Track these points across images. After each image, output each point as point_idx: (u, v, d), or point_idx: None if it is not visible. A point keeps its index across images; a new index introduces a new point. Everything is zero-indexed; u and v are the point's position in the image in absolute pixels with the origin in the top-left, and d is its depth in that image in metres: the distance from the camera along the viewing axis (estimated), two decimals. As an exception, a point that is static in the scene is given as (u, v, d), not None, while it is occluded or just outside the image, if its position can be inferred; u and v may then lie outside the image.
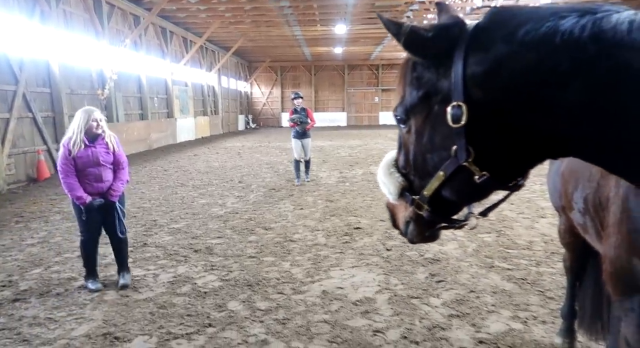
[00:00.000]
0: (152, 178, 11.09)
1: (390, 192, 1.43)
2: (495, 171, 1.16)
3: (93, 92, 14.68)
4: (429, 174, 1.27)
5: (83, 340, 3.32)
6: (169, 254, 5.27)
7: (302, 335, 3.33)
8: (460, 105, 1.11)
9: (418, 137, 1.28)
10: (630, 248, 1.38)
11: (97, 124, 4.14)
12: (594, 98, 0.99)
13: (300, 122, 9.45)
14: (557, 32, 1.00)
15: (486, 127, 1.12)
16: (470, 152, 1.14)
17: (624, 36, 0.95)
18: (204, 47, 25.71)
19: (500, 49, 1.06)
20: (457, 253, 5.06)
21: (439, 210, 1.34)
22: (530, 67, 1.02)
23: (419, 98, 1.23)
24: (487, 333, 3.31)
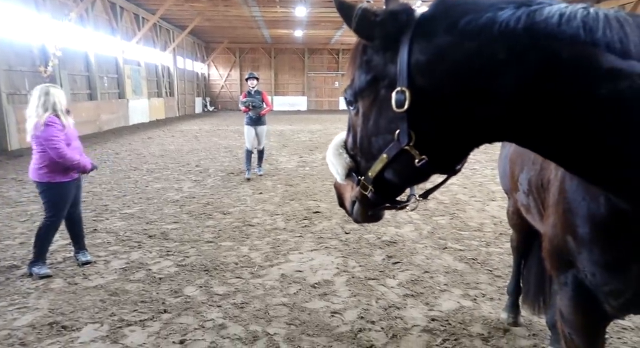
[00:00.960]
0: (103, 161, 10.57)
1: (338, 172, 1.47)
2: (434, 155, 1.21)
3: (34, 69, 13.69)
4: (373, 156, 1.31)
5: (26, 331, 3.14)
6: (121, 240, 5.07)
7: (260, 319, 3.33)
8: (404, 90, 1.15)
9: (365, 119, 1.31)
10: (565, 227, 1.46)
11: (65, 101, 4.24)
12: (527, 86, 1.04)
13: (253, 106, 8.40)
14: (495, 22, 1.05)
15: (427, 113, 1.16)
16: (412, 137, 1.18)
17: (554, 28, 1.01)
18: (157, 25, 24.54)
19: (442, 38, 1.10)
20: (412, 236, 5.21)
21: (382, 191, 1.38)
22: (470, 56, 1.07)
23: (367, 81, 1.26)
24: (440, 311, 3.45)
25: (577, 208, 1.40)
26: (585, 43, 1.00)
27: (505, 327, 3.18)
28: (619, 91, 0.99)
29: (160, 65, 25.64)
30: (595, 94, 1.01)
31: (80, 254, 4.38)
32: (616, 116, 1.01)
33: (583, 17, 1.03)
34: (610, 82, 1.00)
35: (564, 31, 1.01)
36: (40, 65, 13.85)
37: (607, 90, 1.00)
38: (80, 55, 16.79)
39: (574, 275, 1.49)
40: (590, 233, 1.35)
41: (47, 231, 4.13)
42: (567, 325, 1.64)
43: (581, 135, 1.05)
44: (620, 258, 1.32)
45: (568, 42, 1.01)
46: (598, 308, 1.48)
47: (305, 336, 3.09)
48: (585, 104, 1.02)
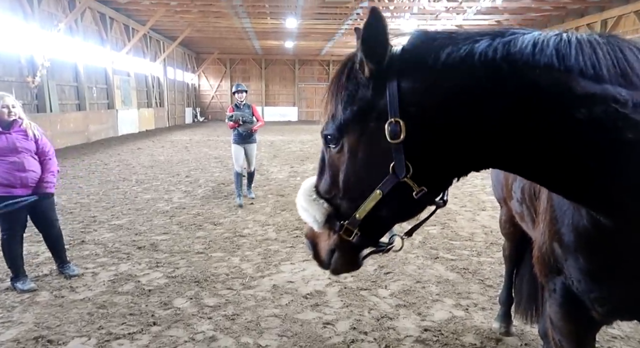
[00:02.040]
0: (91, 172, 10.45)
1: (315, 219, 1.35)
2: (431, 185, 1.20)
3: (22, 79, 13.57)
4: (362, 194, 1.24)
5: (10, 345, 3.06)
6: (109, 252, 4.99)
7: (251, 330, 3.28)
8: (397, 121, 1.14)
9: (351, 155, 1.25)
10: (552, 235, 1.49)
11: (8, 111, 3.87)
12: (509, 113, 1.09)
13: (243, 121, 7.16)
14: (475, 53, 1.10)
15: (421, 143, 1.16)
16: (409, 168, 1.17)
17: (529, 58, 1.06)
18: (147, 35, 24.53)
19: (427, 70, 1.14)
20: (404, 246, 5.20)
21: (370, 232, 1.32)
22: (454, 87, 1.11)
23: (354, 114, 1.22)
24: (432, 321, 3.44)
25: (563, 217, 1.43)
26: (560, 70, 1.05)
27: (498, 337, 3.18)
28: (594, 115, 1.03)
29: (150, 76, 25.58)
30: (572, 119, 1.05)
31: (65, 268, 4.27)
32: (594, 140, 1.05)
33: (556, 44, 1.07)
34: (585, 108, 1.03)
35: (539, 60, 1.06)
36: (28, 75, 13.73)
37: (583, 115, 1.04)
38: (69, 65, 16.69)
39: (562, 282, 1.51)
40: (575, 242, 1.38)
41: (7, 245, 3.97)
42: (556, 332, 1.65)
43: (561, 159, 1.10)
44: (604, 267, 1.34)
45: (543, 70, 1.05)
46: (586, 315, 1.49)
47: (298, 348, 3.05)
48: (564, 129, 1.06)
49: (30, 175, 3.94)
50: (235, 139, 7.39)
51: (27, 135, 3.97)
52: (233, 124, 7.20)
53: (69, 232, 5.66)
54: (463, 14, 20.01)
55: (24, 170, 3.90)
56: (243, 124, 7.20)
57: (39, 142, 4.05)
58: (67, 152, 14.04)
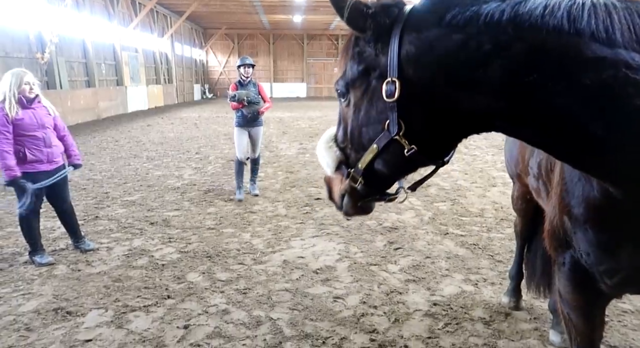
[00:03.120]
0: (102, 149, 10.54)
1: (328, 165, 1.48)
2: (422, 145, 1.23)
3: (31, 55, 13.55)
4: (363, 147, 1.33)
5: (31, 316, 3.17)
6: (123, 227, 5.08)
7: (263, 304, 3.35)
8: (394, 81, 1.17)
9: (356, 110, 1.33)
10: (562, 207, 1.50)
11: (29, 88, 3.89)
12: (512, 77, 1.07)
13: (248, 101, 6.03)
14: (480, 15, 1.08)
15: (416, 103, 1.18)
16: (401, 126, 1.20)
17: (538, 20, 1.03)
18: (154, 10, 24.23)
19: (431, 31, 1.13)
20: (414, 222, 5.22)
21: (371, 182, 1.39)
22: (456, 48, 1.10)
23: (359, 72, 1.28)
24: (441, 295, 3.48)
25: (573, 190, 1.43)
26: (569, 33, 1.01)
27: (507, 311, 3.21)
28: (602, 80, 1.00)
29: (158, 52, 25.39)
30: (579, 83, 1.02)
31: (80, 243, 4.36)
32: (601, 105, 1.01)
33: (567, 7, 1.04)
34: (594, 72, 1.00)
35: (547, 22, 1.02)
36: (37, 51, 13.71)
37: (591, 80, 1.00)
38: (77, 41, 16.61)
39: (571, 255, 1.53)
40: (585, 214, 1.39)
41: (23, 221, 4.05)
42: (565, 305, 1.69)
43: (566, 124, 1.07)
44: (613, 239, 1.35)
45: (551, 32, 1.02)
46: (594, 288, 1.51)
47: (308, 321, 3.11)
48: (570, 93, 1.03)
49: (54, 150, 4.04)
50: (238, 122, 6.25)
51: (48, 111, 4.05)
52: (237, 105, 6.07)
53: (82, 208, 5.76)
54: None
55: (50, 145, 4.00)
56: (248, 105, 6.08)
57: (56, 118, 4.15)
58: (78, 128, 14.14)
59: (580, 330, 1.69)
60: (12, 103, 3.78)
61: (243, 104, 6.03)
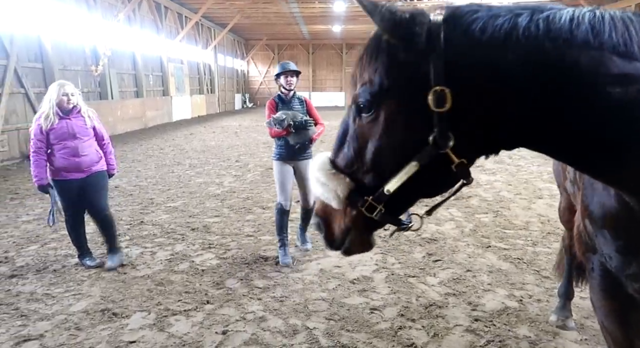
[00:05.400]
0: (148, 156, 11.01)
1: (337, 195, 1.27)
2: (470, 158, 1.17)
3: (86, 68, 14.42)
4: (397, 166, 1.18)
5: (81, 316, 3.33)
6: (166, 232, 5.26)
7: (299, 312, 3.35)
8: (443, 89, 1.09)
9: (389, 124, 1.18)
10: (583, 211, 1.52)
11: (67, 99, 4.01)
12: (548, 89, 1.06)
13: (296, 126, 4.18)
14: (518, 28, 1.07)
15: (466, 114, 1.11)
16: (451, 138, 1.12)
17: (568, 34, 1.05)
18: (199, 23, 25.19)
19: (470, 40, 1.09)
20: (454, 233, 5.08)
21: (394, 208, 1.26)
22: (497, 60, 1.08)
23: (396, 80, 1.16)
24: (483, 311, 3.35)
25: (592, 194, 1.46)
26: (594, 47, 1.03)
27: (555, 330, 3.04)
28: (628, 95, 1.01)
29: (201, 63, 26.32)
30: (606, 99, 1.03)
31: (109, 257, 4.26)
32: (625, 120, 1.03)
33: (590, 20, 1.05)
34: (618, 86, 1.01)
35: (576, 36, 1.04)
36: (92, 64, 14.57)
37: (617, 94, 1.02)
38: (128, 54, 17.51)
39: (598, 260, 1.53)
40: (602, 219, 1.41)
41: (69, 227, 4.24)
42: (598, 312, 1.65)
43: (592, 137, 1.08)
44: (631, 245, 1.35)
45: (580, 46, 1.03)
46: (625, 293, 1.49)
47: (345, 331, 3.08)
48: (597, 106, 1.04)
49: (83, 160, 4.08)
50: (280, 154, 4.36)
51: (85, 122, 4.13)
52: (279, 132, 4.19)
53: (129, 213, 6.02)
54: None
55: (79, 155, 4.05)
56: (296, 132, 4.21)
57: (97, 129, 4.23)
58: (126, 137, 14.85)
59: (616, 338, 1.61)
60: (49, 115, 3.94)
61: (289, 130, 4.18)
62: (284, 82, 4.33)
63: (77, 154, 4.05)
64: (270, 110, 4.33)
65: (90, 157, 4.14)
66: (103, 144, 4.31)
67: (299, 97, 4.45)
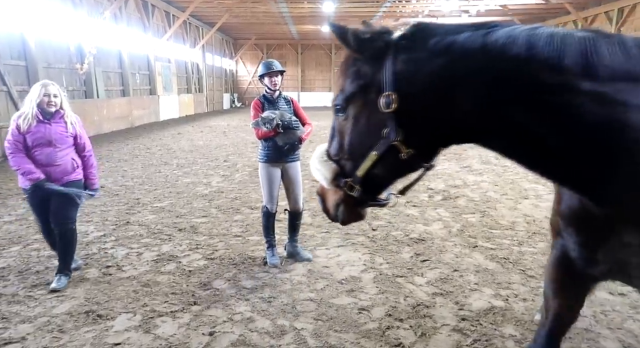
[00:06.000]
0: (135, 156, 10.87)
1: (325, 177, 1.60)
2: (417, 149, 1.42)
3: (71, 66, 14.19)
4: (362, 155, 1.48)
5: (64, 318, 3.27)
6: (152, 233, 5.20)
7: (287, 313, 3.34)
8: (391, 94, 1.36)
9: (355, 122, 1.49)
10: (556, 206, 1.78)
11: (48, 100, 3.65)
12: (482, 97, 1.27)
13: (284, 126, 4.08)
14: (456, 43, 1.30)
15: (411, 113, 1.37)
16: (399, 133, 1.39)
17: (502, 48, 1.24)
18: (187, 22, 24.97)
19: (418, 54, 1.35)
20: (442, 233, 5.12)
21: (369, 188, 1.55)
22: (438, 69, 1.31)
23: (358, 88, 1.45)
24: (470, 310, 3.37)
25: (562, 194, 1.66)
26: (526, 60, 1.21)
27: (539, 329, 3.08)
28: (556, 103, 1.20)
29: (189, 62, 26.10)
30: (533, 104, 1.22)
31: (56, 276, 3.80)
32: (553, 123, 1.22)
33: (527, 37, 1.23)
34: (547, 95, 1.20)
35: (510, 50, 1.23)
36: (77, 62, 14.34)
37: (546, 102, 1.21)
38: (114, 52, 17.28)
39: (562, 244, 1.74)
40: (569, 219, 1.61)
41: (45, 235, 3.95)
42: (545, 280, 1.93)
43: (528, 138, 1.27)
44: (592, 241, 1.55)
45: (512, 59, 1.22)
46: (572, 269, 1.71)
47: (333, 332, 3.08)
48: (528, 113, 1.23)
49: (55, 170, 3.70)
50: (267, 156, 4.26)
51: (66, 128, 3.75)
52: (267, 132, 4.05)
53: (115, 213, 5.94)
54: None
55: (51, 164, 3.68)
56: (284, 132, 4.09)
57: (78, 136, 3.83)
58: (112, 136, 14.65)
59: (552, 305, 1.88)
60: (27, 116, 3.62)
61: (276, 131, 4.05)
62: (268, 83, 4.30)
63: (50, 163, 3.68)
64: (256, 110, 4.24)
65: (64, 167, 3.75)
66: (84, 156, 3.91)
67: (285, 96, 4.40)
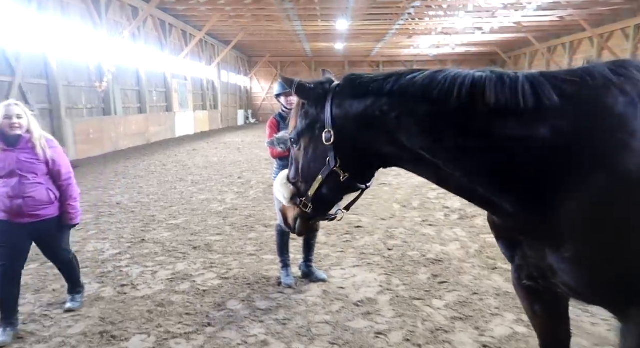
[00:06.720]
0: (151, 172, 11.00)
1: (284, 197, 1.96)
2: (352, 173, 1.77)
3: (91, 84, 14.55)
4: (312, 178, 1.82)
5: (79, 339, 3.25)
6: (167, 251, 5.20)
7: (302, 336, 3.27)
8: (330, 130, 1.74)
9: (305, 152, 1.86)
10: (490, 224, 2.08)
11: (10, 122, 3.12)
12: (390, 132, 1.64)
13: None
14: (373, 90, 1.67)
15: (344, 145, 1.73)
16: (337, 161, 1.75)
17: (404, 91, 1.60)
18: (203, 40, 25.52)
19: (347, 98, 1.73)
20: (459, 254, 5.01)
21: (318, 206, 1.89)
22: (361, 111, 1.69)
23: (307, 125, 1.83)
24: (491, 336, 3.26)
25: None
26: (417, 98, 1.57)
27: (565, 358, 2.95)
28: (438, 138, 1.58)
29: (205, 79, 26.58)
30: (427, 137, 1.59)
31: (69, 296, 3.72)
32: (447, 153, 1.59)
33: (423, 80, 1.57)
34: (424, 123, 1.59)
35: (409, 92, 1.58)
36: (96, 81, 14.71)
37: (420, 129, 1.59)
38: (132, 70, 17.69)
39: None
40: (492, 226, 1.90)
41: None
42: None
43: (428, 164, 1.64)
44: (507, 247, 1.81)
45: (411, 100, 1.58)
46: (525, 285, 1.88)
47: (349, 357, 3.00)
48: (423, 143, 1.60)
49: (27, 203, 3.19)
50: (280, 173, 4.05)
51: (34, 154, 3.22)
52: (281, 152, 3.94)
53: (130, 231, 5.97)
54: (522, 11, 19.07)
55: (19, 197, 3.17)
56: None
57: (50, 162, 3.31)
58: (129, 152, 14.88)
59: (533, 323, 2.05)
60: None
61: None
62: (284, 102, 4.30)
63: (18, 195, 3.17)
64: (271, 129, 4.23)
65: (37, 198, 3.23)
66: (60, 185, 3.37)
67: None
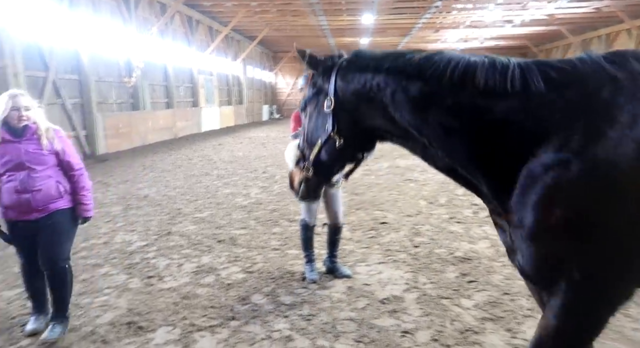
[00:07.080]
0: (177, 166, 11.16)
1: (291, 161, 2.18)
2: (347, 140, 1.93)
3: (120, 79, 14.87)
4: (314, 143, 2.00)
5: (107, 328, 3.30)
6: (193, 244, 5.24)
7: (327, 333, 3.22)
8: (331, 99, 1.93)
9: (310, 118, 2.05)
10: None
11: (18, 114, 3.01)
12: (387, 108, 1.79)
13: None
14: (368, 67, 1.84)
15: (343, 113, 1.92)
16: (335, 126, 1.93)
17: (392, 69, 1.76)
18: (229, 36, 25.70)
19: (351, 73, 1.90)
20: (489, 253, 4.85)
21: (318, 171, 2.05)
22: (359, 85, 1.86)
23: (313, 94, 2.04)
24: (524, 339, 3.12)
25: None
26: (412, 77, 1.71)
27: (604, 364, 2.80)
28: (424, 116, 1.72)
29: (230, 75, 26.81)
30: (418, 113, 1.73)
31: (51, 323, 3.19)
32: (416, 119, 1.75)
33: (419, 60, 1.71)
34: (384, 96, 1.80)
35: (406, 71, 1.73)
36: (125, 76, 15.02)
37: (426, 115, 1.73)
38: (160, 66, 17.99)
39: None
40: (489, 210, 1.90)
41: (24, 276, 3.28)
42: None
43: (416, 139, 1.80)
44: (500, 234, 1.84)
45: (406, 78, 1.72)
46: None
47: (375, 356, 2.93)
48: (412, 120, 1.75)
49: (35, 197, 3.01)
50: None
51: (39, 145, 3.06)
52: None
53: (157, 224, 6.06)
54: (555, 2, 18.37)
55: (28, 191, 3.00)
56: None
57: (60, 153, 3.15)
58: (156, 147, 15.17)
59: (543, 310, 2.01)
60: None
61: None
62: None
63: (26, 189, 3.00)
64: (296, 122, 4.11)
65: (46, 191, 3.06)
66: (72, 176, 3.19)
67: None
